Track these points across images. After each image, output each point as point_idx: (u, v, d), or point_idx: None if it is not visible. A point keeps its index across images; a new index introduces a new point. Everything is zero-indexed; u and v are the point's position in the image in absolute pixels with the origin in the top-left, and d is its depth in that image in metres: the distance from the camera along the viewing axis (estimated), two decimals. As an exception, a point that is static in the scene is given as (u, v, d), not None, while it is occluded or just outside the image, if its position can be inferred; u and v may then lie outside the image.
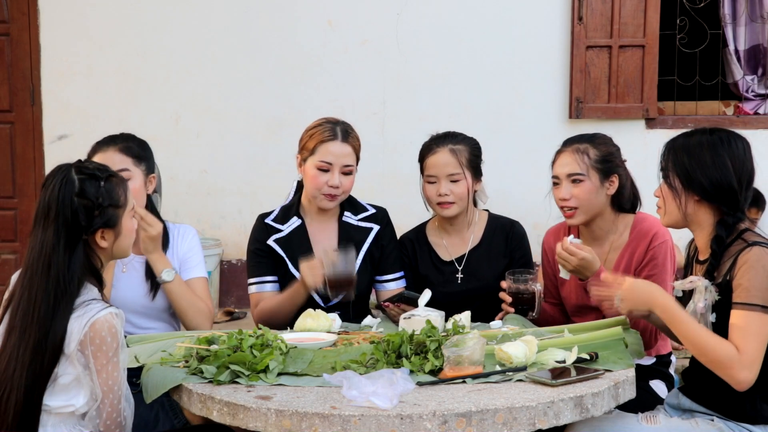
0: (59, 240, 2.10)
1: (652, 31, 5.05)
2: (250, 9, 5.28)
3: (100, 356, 2.08)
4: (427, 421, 1.94)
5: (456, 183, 3.03)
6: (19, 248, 5.46)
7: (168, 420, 2.64)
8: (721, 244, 2.33)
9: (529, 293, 2.78)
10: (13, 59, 5.42)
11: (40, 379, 2.07)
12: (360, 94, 5.24)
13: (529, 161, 5.09)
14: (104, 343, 2.07)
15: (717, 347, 2.22)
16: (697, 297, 2.33)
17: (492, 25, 5.18)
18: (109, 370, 2.09)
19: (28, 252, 2.14)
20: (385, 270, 3.12)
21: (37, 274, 2.10)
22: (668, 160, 2.41)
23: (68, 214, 2.11)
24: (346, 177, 2.99)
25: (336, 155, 2.96)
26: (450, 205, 3.04)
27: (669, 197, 2.40)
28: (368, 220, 3.10)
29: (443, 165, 3.03)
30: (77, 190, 2.13)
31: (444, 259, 3.15)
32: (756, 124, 5.14)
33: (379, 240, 3.10)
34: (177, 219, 5.15)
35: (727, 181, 2.32)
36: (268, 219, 3.09)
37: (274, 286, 3.05)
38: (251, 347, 2.25)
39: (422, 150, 3.13)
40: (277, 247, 3.03)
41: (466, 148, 3.07)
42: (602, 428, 2.29)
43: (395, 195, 5.04)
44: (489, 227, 3.15)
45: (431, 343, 2.26)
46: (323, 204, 3.01)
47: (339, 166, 2.96)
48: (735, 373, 2.20)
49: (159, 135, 5.28)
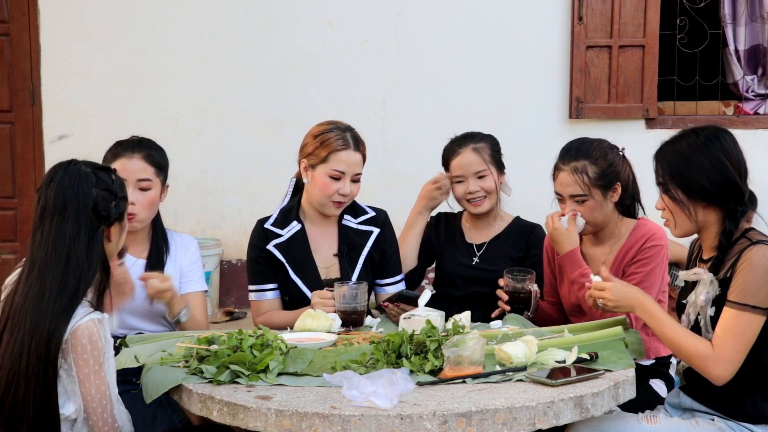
0: (79, 232, 2.08)
1: (652, 31, 5.05)
2: (250, 9, 5.29)
3: (82, 365, 2.04)
4: (427, 421, 1.94)
5: (483, 179, 3.18)
6: (19, 248, 5.46)
7: (167, 418, 2.64)
8: (730, 238, 2.32)
9: (526, 292, 2.81)
10: (13, 59, 5.42)
11: (49, 372, 2.02)
12: (360, 94, 5.24)
13: (529, 161, 5.07)
14: (85, 351, 2.04)
15: (691, 345, 2.27)
16: (700, 289, 2.34)
17: (492, 25, 5.19)
18: (91, 379, 2.05)
19: (37, 247, 2.09)
20: (386, 273, 3.12)
21: (52, 267, 2.06)
22: (664, 174, 2.38)
23: (89, 205, 2.10)
24: (355, 184, 3.00)
25: (349, 164, 2.96)
26: (482, 200, 3.20)
27: (676, 210, 2.37)
28: (368, 223, 3.10)
29: (468, 164, 3.18)
30: (94, 181, 2.13)
31: (467, 240, 3.29)
32: (756, 124, 5.14)
33: (379, 243, 3.09)
34: (177, 219, 5.18)
35: (730, 180, 2.31)
36: (267, 224, 3.07)
37: (275, 294, 3.05)
38: (251, 347, 2.25)
39: (445, 153, 3.26)
40: (277, 252, 3.02)
41: (487, 144, 3.24)
42: (602, 428, 2.29)
43: (395, 195, 5.03)
44: (513, 224, 3.29)
45: (431, 343, 2.26)
46: (330, 211, 3.02)
47: (350, 175, 2.97)
48: (709, 369, 2.25)
49: (159, 135, 5.18)
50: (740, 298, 2.23)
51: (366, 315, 2.84)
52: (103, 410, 2.07)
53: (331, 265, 3.06)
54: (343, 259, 3.04)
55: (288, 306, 3.05)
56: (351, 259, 3.05)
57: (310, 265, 3.03)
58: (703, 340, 2.28)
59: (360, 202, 3.15)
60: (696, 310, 2.35)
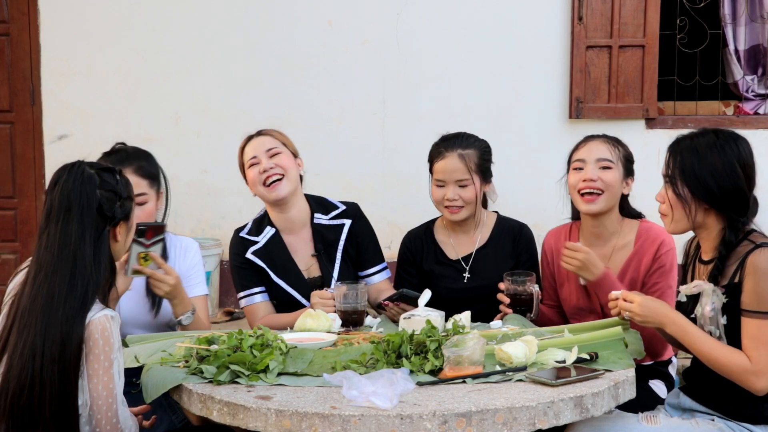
0: (84, 233, 2.09)
1: (652, 31, 5.04)
2: (250, 9, 5.28)
3: (92, 360, 2.05)
4: (427, 421, 1.94)
5: (464, 188, 3.03)
6: (19, 248, 5.45)
7: (167, 418, 2.64)
8: (730, 249, 2.30)
9: (527, 294, 2.79)
10: (13, 59, 5.42)
11: (70, 374, 2.03)
12: (360, 94, 5.23)
13: (529, 161, 5.09)
14: (96, 346, 2.04)
15: (728, 359, 2.24)
16: (704, 300, 2.31)
17: (492, 25, 5.18)
18: (100, 375, 2.05)
19: (43, 249, 2.09)
20: (366, 263, 3.12)
21: (59, 269, 2.06)
22: (674, 167, 2.34)
23: (93, 206, 2.11)
24: (276, 157, 3.12)
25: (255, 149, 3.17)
26: (458, 209, 3.05)
27: (677, 206, 2.34)
28: (339, 217, 3.11)
29: (451, 171, 3.03)
30: (98, 182, 2.14)
31: (450, 258, 3.15)
32: (756, 124, 5.13)
33: (353, 236, 3.09)
34: (177, 219, 5.17)
35: (737, 187, 2.29)
36: (243, 233, 3.12)
37: (264, 296, 3.08)
38: (251, 347, 2.26)
39: (431, 152, 3.12)
40: (256, 258, 3.05)
41: (476, 152, 3.06)
42: (602, 428, 2.29)
43: (395, 195, 5.05)
44: (497, 228, 3.15)
45: (431, 343, 2.26)
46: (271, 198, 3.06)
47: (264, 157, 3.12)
48: (751, 383, 2.23)
49: (159, 135, 5.29)
50: (759, 306, 2.21)
51: (366, 315, 2.85)
52: (108, 408, 2.07)
53: (311, 265, 3.09)
54: (321, 257, 3.06)
55: (278, 309, 3.06)
56: (329, 256, 3.07)
57: (290, 266, 3.05)
58: (738, 352, 2.24)
59: (331, 199, 3.15)
60: (706, 322, 2.32)
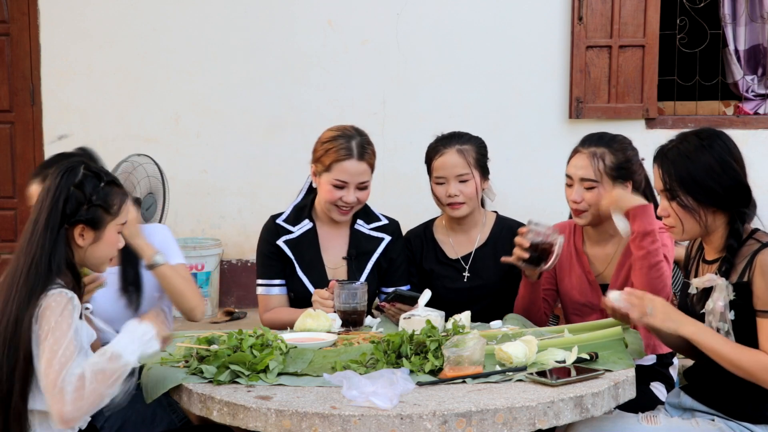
0: (47, 224, 2.12)
1: (652, 31, 5.05)
2: (249, 9, 5.28)
3: (44, 324, 2.03)
4: (427, 421, 1.94)
5: (465, 183, 3.02)
6: (19, 248, 5.46)
7: (166, 417, 2.64)
8: (739, 239, 2.28)
9: (548, 244, 2.72)
10: (13, 59, 5.42)
11: (26, 365, 2.02)
12: (360, 94, 5.24)
13: (529, 161, 5.09)
14: (48, 308, 2.03)
15: (752, 361, 2.21)
16: (717, 295, 2.28)
17: (492, 24, 5.18)
18: (55, 333, 2.00)
19: (24, 231, 2.15)
20: (392, 282, 3.09)
21: (23, 254, 2.10)
22: (671, 180, 2.31)
23: (61, 200, 2.14)
24: (362, 191, 2.97)
25: (351, 174, 2.92)
26: (460, 205, 3.04)
27: (686, 216, 2.30)
28: (380, 230, 3.09)
29: (451, 166, 3.02)
30: (77, 181, 2.16)
31: (450, 257, 3.14)
32: (756, 124, 5.13)
33: (388, 252, 3.08)
34: (177, 219, 5.18)
35: (738, 181, 2.29)
36: (279, 219, 3.09)
37: (282, 290, 3.06)
38: (251, 347, 2.25)
39: (429, 151, 3.11)
40: (286, 248, 3.03)
41: (473, 147, 3.06)
42: (602, 428, 2.29)
43: (395, 195, 5.05)
44: (496, 227, 3.15)
45: (431, 343, 2.26)
46: (336, 217, 3.01)
47: (354, 184, 2.94)
48: None
49: (159, 135, 5.30)
50: None
51: (366, 315, 2.85)
52: (56, 362, 1.99)
53: (340, 266, 3.07)
54: (352, 262, 3.05)
55: (293, 303, 3.06)
56: (359, 263, 3.05)
57: (317, 264, 3.04)
58: (757, 352, 2.22)
59: (374, 209, 3.14)
60: (716, 317, 2.29)
